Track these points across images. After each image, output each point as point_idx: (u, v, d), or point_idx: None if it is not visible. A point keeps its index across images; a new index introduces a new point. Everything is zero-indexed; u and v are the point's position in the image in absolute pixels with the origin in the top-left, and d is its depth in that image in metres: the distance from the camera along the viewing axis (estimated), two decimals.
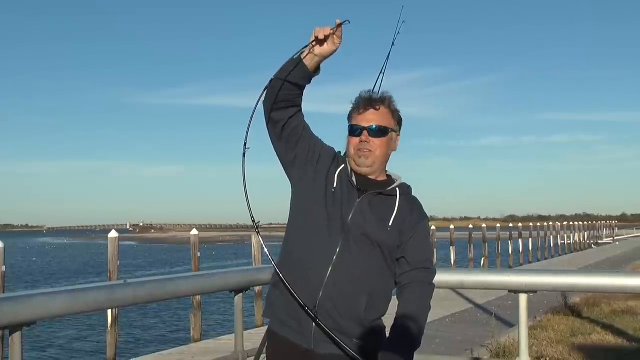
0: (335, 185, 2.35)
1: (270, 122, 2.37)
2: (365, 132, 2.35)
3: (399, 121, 2.45)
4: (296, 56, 2.27)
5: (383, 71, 3.14)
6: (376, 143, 2.35)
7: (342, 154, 2.46)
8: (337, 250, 2.27)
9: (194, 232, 19.57)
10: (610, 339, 8.48)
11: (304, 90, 2.36)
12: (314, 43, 2.25)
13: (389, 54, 3.18)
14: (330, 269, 2.25)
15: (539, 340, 8.16)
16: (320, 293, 2.25)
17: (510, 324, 9.65)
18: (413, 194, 2.48)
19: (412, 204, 2.42)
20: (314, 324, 2.25)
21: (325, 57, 2.29)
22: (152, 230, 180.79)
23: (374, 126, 2.35)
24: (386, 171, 2.48)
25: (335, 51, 2.28)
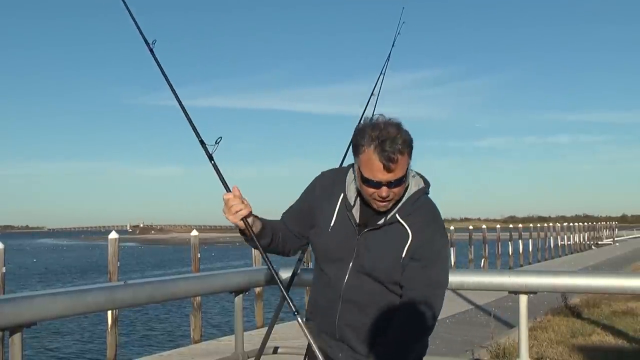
0: (333, 223, 2.33)
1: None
2: (384, 188, 2.18)
3: (411, 151, 2.23)
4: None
5: (383, 72, 3.15)
6: (396, 191, 2.21)
7: (347, 167, 2.39)
8: (346, 278, 2.30)
9: (194, 233, 19.57)
10: (610, 339, 8.49)
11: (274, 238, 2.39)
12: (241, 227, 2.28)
13: (389, 54, 3.19)
14: (341, 297, 2.30)
15: (539, 341, 8.16)
16: (337, 320, 2.32)
17: (510, 324, 9.65)
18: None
19: (419, 222, 2.27)
20: (340, 353, 2.34)
21: (246, 217, 2.25)
22: (152, 232, 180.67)
23: (395, 180, 2.18)
24: None
25: (247, 214, 2.24)
